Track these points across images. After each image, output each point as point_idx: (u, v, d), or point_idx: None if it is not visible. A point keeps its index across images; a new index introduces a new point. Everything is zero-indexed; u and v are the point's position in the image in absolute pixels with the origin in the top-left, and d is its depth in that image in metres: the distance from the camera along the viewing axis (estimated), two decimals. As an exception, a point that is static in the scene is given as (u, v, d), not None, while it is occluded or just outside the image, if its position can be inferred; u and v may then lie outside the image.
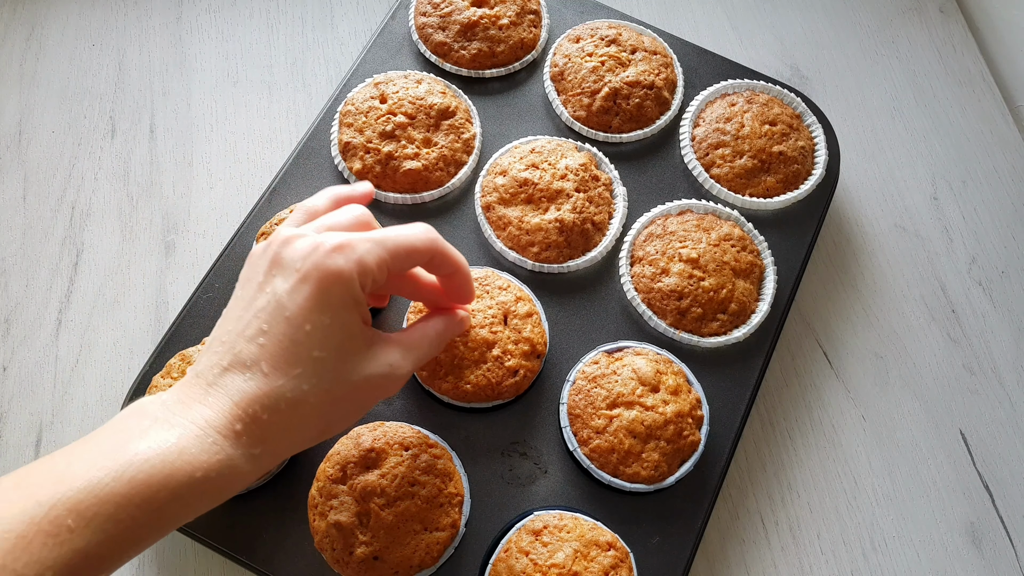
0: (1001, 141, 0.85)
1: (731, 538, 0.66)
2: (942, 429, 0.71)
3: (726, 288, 0.67)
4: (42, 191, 0.77)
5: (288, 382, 0.40)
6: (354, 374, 0.42)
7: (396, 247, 0.44)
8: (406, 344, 0.47)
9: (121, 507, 0.35)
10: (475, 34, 0.76)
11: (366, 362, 0.43)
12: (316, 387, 0.41)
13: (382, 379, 0.44)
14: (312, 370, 0.41)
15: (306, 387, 0.40)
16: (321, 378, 0.41)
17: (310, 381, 0.40)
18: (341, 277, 0.41)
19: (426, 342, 0.49)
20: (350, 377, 0.42)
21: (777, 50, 0.90)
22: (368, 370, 0.43)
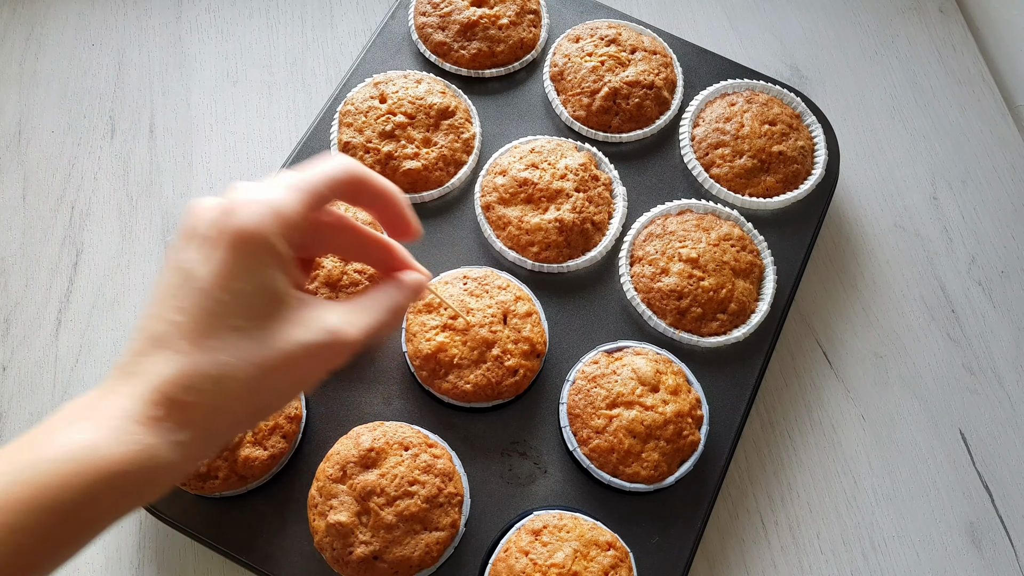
0: (1001, 141, 0.85)
1: (731, 538, 0.66)
2: (942, 429, 0.71)
3: (726, 288, 0.67)
4: (42, 191, 0.77)
5: (208, 357, 0.36)
6: (284, 342, 0.37)
7: (310, 183, 0.39)
8: (351, 308, 0.41)
9: (27, 513, 0.32)
10: (475, 34, 0.76)
11: (298, 328, 0.38)
12: (241, 360, 0.36)
13: (321, 348, 0.38)
14: (234, 342, 0.36)
15: (229, 361, 0.36)
16: (245, 350, 0.37)
17: (233, 354, 0.36)
18: (253, 234, 0.37)
19: (376, 307, 0.42)
20: (279, 346, 0.37)
21: (777, 50, 0.90)
22: (302, 337, 0.38)
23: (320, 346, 0.38)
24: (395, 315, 0.43)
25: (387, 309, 0.42)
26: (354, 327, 0.40)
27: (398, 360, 0.65)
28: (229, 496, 0.59)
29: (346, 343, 0.39)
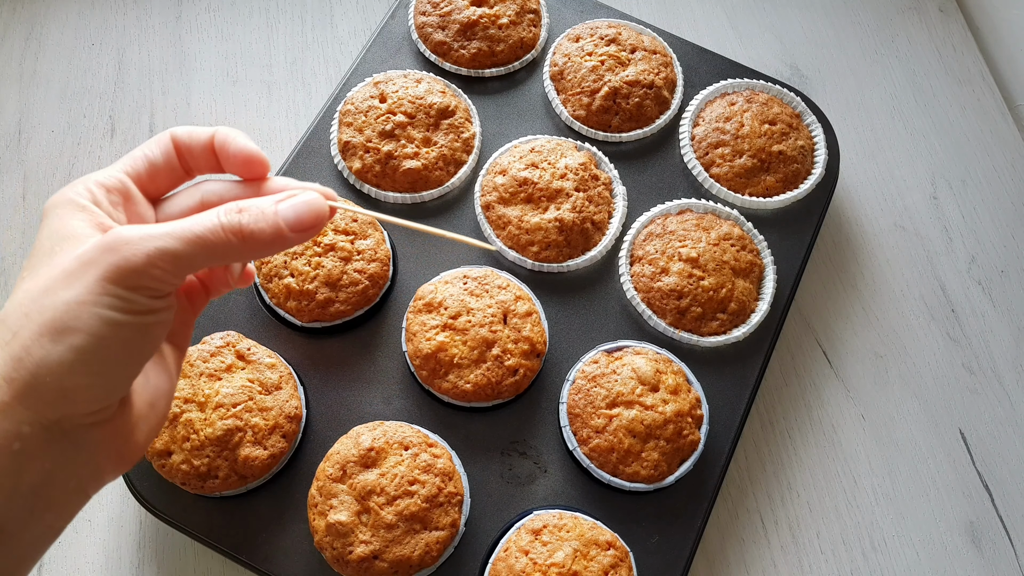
0: (1001, 141, 0.85)
1: (731, 537, 0.66)
2: (941, 428, 0.71)
3: (726, 287, 0.67)
4: (42, 190, 0.77)
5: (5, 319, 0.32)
6: (51, 262, 0.33)
7: (133, 154, 0.37)
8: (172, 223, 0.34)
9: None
10: (475, 33, 0.76)
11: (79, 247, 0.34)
12: (12, 302, 0.32)
13: (96, 250, 0.32)
14: (16, 290, 0.33)
15: (6, 308, 0.33)
16: (18, 291, 0.33)
17: (11, 301, 0.32)
18: (56, 198, 0.35)
19: (206, 217, 0.34)
20: (44, 269, 0.33)
21: (777, 49, 0.90)
22: (73, 249, 0.33)
23: (98, 248, 0.32)
24: (230, 230, 0.34)
25: (218, 216, 0.34)
26: (172, 238, 0.33)
27: (398, 360, 0.65)
28: (229, 496, 0.59)
29: (128, 240, 0.32)
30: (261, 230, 0.34)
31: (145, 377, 0.37)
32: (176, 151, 0.38)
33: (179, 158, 0.38)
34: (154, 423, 0.37)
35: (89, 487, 0.35)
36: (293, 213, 0.35)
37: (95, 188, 0.36)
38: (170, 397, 0.39)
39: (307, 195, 0.36)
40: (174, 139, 0.38)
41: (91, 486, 0.35)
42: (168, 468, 0.58)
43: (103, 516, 0.64)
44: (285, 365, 0.63)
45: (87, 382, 0.32)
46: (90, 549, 0.63)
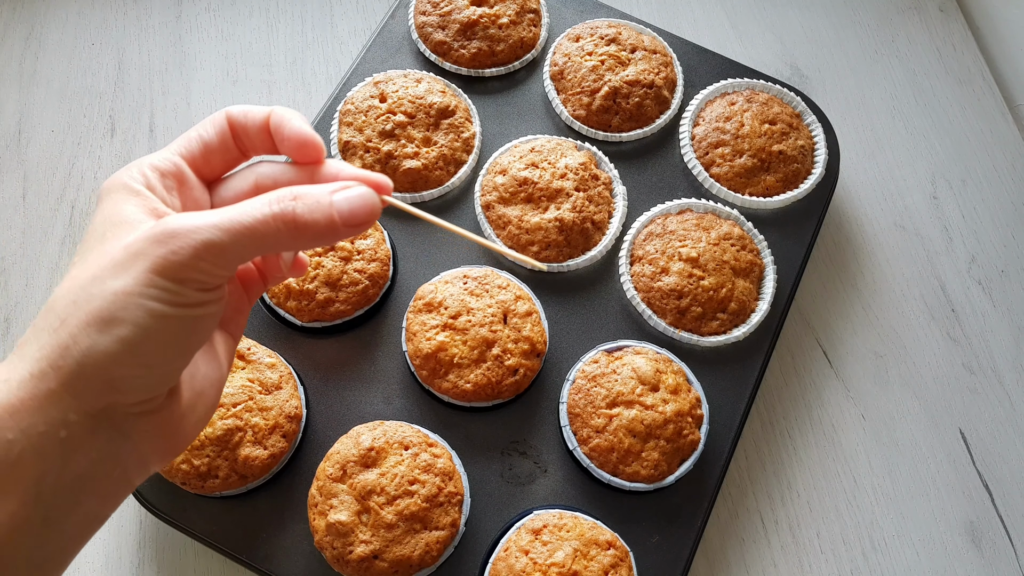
0: (1001, 140, 0.85)
1: (731, 537, 0.66)
2: (942, 428, 0.71)
3: (726, 287, 0.67)
4: (42, 190, 0.77)
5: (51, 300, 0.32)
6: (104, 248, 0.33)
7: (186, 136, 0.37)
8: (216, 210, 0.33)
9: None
10: (475, 33, 0.76)
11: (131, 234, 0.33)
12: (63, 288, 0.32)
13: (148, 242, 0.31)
14: (68, 275, 0.33)
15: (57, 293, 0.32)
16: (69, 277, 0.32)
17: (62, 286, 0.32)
18: (110, 183, 0.35)
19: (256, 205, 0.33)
20: (95, 255, 0.33)
21: (777, 49, 0.90)
22: (126, 237, 0.33)
23: (146, 240, 0.31)
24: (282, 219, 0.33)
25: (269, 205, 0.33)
26: (215, 223, 0.32)
27: (398, 359, 0.65)
28: (229, 495, 0.59)
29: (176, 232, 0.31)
30: (316, 221, 0.33)
31: (195, 367, 0.36)
32: (231, 132, 0.37)
33: (234, 139, 0.37)
34: (202, 413, 0.36)
35: (134, 476, 0.35)
36: (348, 207, 0.34)
37: (149, 172, 0.35)
38: (220, 387, 0.38)
39: (360, 188, 0.34)
40: (229, 119, 0.37)
41: (136, 475, 0.35)
42: (168, 468, 0.58)
43: (103, 516, 0.64)
44: (285, 365, 0.63)
45: (134, 373, 0.31)
46: (90, 549, 0.63)
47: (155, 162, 0.35)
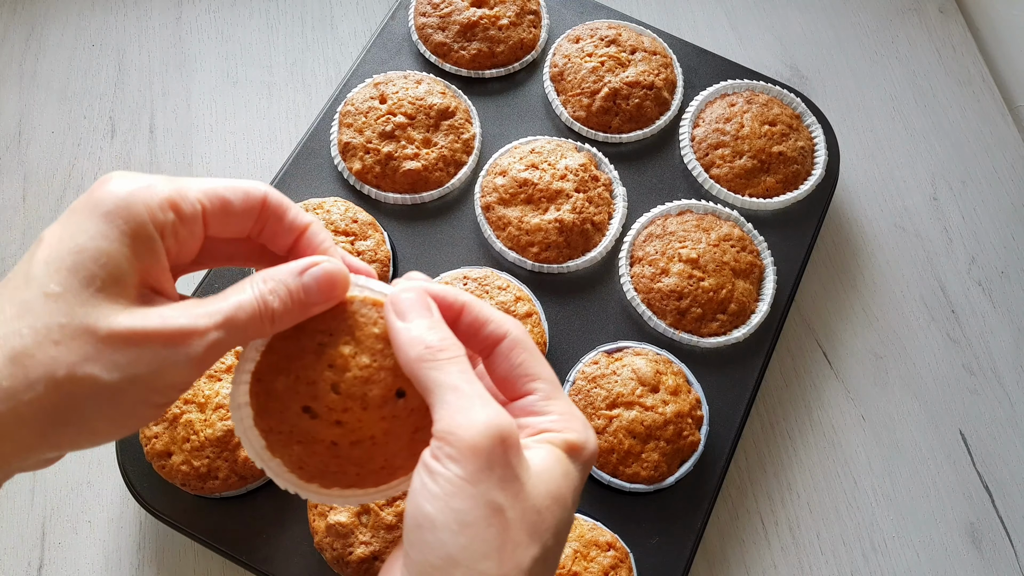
0: (1001, 141, 0.85)
1: (731, 538, 0.66)
2: (942, 429, 0.71)
3: (726, 288, 0.67)
4: (42, 191, 0.77)
5: (3, 328, 0.28)
6: (104, 325, 0.29)
7: (214, 184, 0.33)
8: (201, 300, 0.32)
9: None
10: (475, 34, 0.76)
11: (128, 314, 0.29)
12: (40, 334, 0.28)
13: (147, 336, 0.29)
14: (40, 310, 0.28)
15: (25, 332, 0.28)
16: (49, 321, 0.28)
17: (33, 325, 0.28)
18: (117, 198, 0.30)
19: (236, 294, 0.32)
20: (96, 329, 0.28)
21: (777, 50, 0.90)
22: (128, 322, 0.29)
23: (146, 333, 0.29)
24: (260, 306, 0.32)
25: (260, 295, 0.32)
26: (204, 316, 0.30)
27: (398, 360, 0.65)
28: (229, 496, 0.59)
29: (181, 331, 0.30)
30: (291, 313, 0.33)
31: None
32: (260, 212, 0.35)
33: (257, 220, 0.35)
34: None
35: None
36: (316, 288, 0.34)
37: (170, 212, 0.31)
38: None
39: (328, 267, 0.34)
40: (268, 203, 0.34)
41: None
42: (168, 469, 0.58)
43: (103, 517, 0.64)
44: (285, 366, 0.63)
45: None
46: (90, 550, 0.63)
47: (183, 206, 0.32)
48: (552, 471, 0.32)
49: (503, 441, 0.30)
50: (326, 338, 0.35)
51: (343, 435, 0.34)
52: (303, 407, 0.34)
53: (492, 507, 0.29)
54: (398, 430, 0.35)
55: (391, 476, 0.36)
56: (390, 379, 0.34)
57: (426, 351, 0.32)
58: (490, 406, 0.31)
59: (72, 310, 0.29)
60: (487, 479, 0.29)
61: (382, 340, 0.35)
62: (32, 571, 0.62)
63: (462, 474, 0.29)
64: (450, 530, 0.29)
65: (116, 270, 0.30)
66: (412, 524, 0.30)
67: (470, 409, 0.30)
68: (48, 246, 0.30)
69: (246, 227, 0.35)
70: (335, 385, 0.34)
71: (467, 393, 0.31)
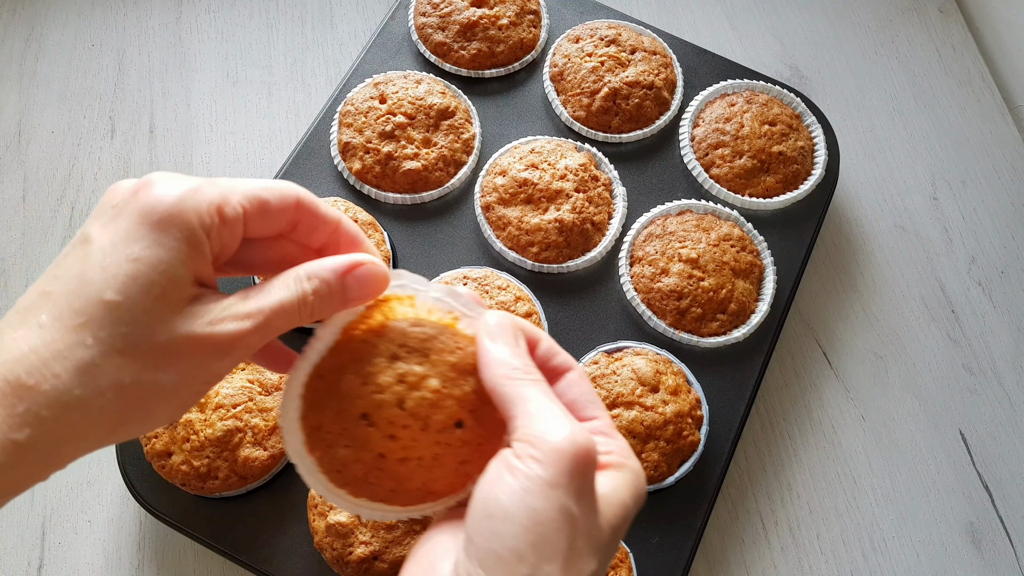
0: (1001, 141, 0.85)
1: (731, 538, 0.66)
2: (942, 429, 0.71)
3: (726, 288, 0.67)
4: (42, 191, 0.77)
5: (66, 336, 0.29)
6: (163, 333, 0.31)
7: (254, 186, 0.34)
8: (246, 296, 0.33)
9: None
10: (475, 34, 0.76)
11: (185, 319, 0.31)
12: (105, 344, 0.29)
13: (201, 341, 0.31)
14: (102, 319, 0.30)
15: (90, 342, 0.29)
16: (113, 331, 0.30)
17: (97, 334, 0.29)
18: (168, 207, 0.31)
19: (279, 290, 0.33)
20: (156, 337, 0.30)
21: (777, 50, 0.90)
22: (184, 328, 0.31)
23: (201, 339, 0.31)
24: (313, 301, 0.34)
25: (291, 292, 0.34)
26: (244, 318, 0.32)
27: (398, 360, 0.65)
28: (229, 496, 0.59)
29: (225, 336, 0.32)
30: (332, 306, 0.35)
31: None
32: (296, 212, 0.36)
33: (292, 220, 0.36)
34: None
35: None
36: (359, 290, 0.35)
37: (215, 216, 0.32)
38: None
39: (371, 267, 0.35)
40: (300, 203, 0.36)
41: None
42: (168, 469, 0.58)
43: (103, 517, 0.64)
44: (285, 366, 0.63)
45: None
46: (90, 550, 0.63)
47: (227, 209, 0.33)
48: (618, 494, 0.33)
49: (587, 453, 0.31)
50: (402, 352, 0.35)
51: (393, 450, 0.35)
52: (362, 413, 0.35)
53: (566, 513, 0.30)
54: (447, 457, 0.35)
55: (423, 499, 0.36)
56: (455, 408, 0.35)
57: (513, 371, 0.34)
58: (574, 422, 0.32)
59: (134, 319, 0.30)
60: (566, 485, 0.30)
61: (455, 369, 0.35)
62: (32, 571, 0.62)
63: (544, 475, 0.30)
64: (522, 525, 0.29)
65: (173, 277, 0.31)
66: (482, 512, 0.31)
67: (556, 420, 0.32)
68: (101, 250, 0.31)
69: (280, 227, 0.36)
70: (402, 401, 0.35)
71: (552, 407, 0.32)
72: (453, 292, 0.37)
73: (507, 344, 0.35)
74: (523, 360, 0.35)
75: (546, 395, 0.33)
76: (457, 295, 0.37)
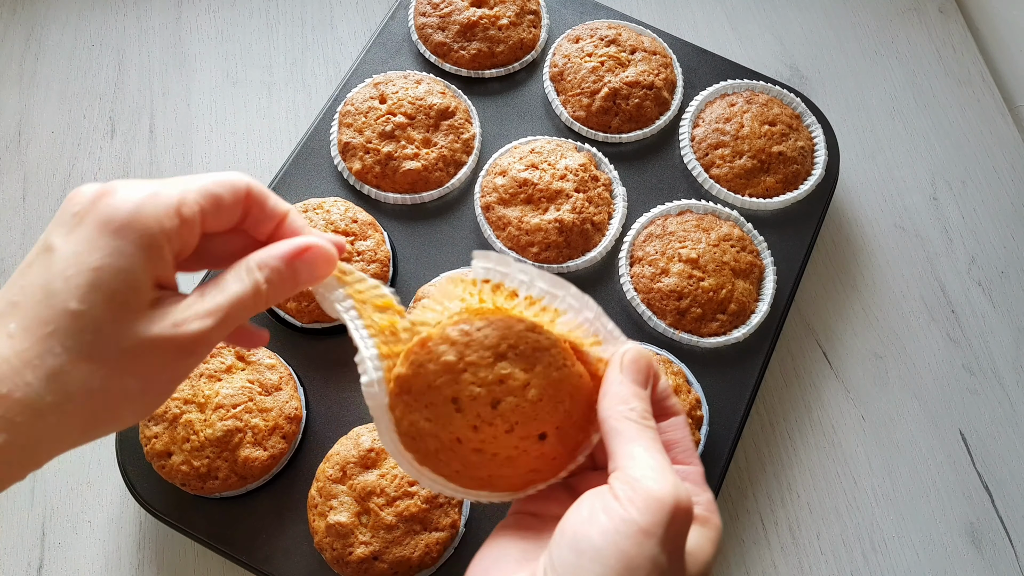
0: (1001, 141, 0.85)
1: (731, 538, 0.66)
2: (942, 429, 0.71)
3: (725, 288, 0.67)
4: (42, 191, 0.77)
5: (36, 345, 0.30)
6: (128, 338, 0.32)
7: (205, 183, 0.35)
8: (203, 293, 0.34)
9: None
10: (475, 34, 0.76)
11: (147, 323, 0.32)
12: (73, 352, 0.31)
13: (165, 343, 0.32)
14: (69, 328, 0.31)
15: (59, 350, 0.31)
16: (79, 339, 0.31)
17: (65, 343, 0.31)
18: (127, 214, 0.32)
19: (233, 284, 0.35)
20: (122, 342, 0.32)
21: (777, 50, 0.90)
22: (148, 331, 0.32)
23: (164, 341, 0.32)
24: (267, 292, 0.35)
25: (246, 286, 0.35)
26: (204, 316, 0.33)
27: (398, 360, 0.65)
28: (229, 496, 0.59)
29: (189, 337, 0.33)
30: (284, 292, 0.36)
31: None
32: (245, 204, 0.37)
33: (243, 212, 0.37)
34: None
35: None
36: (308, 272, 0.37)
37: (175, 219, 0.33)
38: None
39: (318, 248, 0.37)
40: (250, 194, 0.37)
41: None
42: (168, 469, 0.58)
43: (103, 517, 0.64)
44: (285, 366, 0.63)
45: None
46: (90, 550, 0.63)
47: (184, 210, 0.34)
48: (703, 551, 0.34)
49: (686, 510, 0.31)
50: (511, 353, 0.36)
51: (472, 439, 0.35)
52: (453, 397, 0.35)
53: (656, 564, 0.30)
54: (520, 461, 0.36)
55: (481, 487, 0.37)
56: (544, 421, 0.36)
57: (631, 411, 0.35)
58: (677, 477, 0.32)
59: (99, 327, 0.31)
60: (660, 537, 0.30)
61: (554, 385, 0.36)
62: (32, 571, 0.62)
63: (640, 521, 0.30)
64: (611, 567, 0.30)
65: (134, 284, 0.32)
66: (572, 546, 0.31)
67: (661, 470, 0.32)
68: (64, 259, 0.32)
69: (234, 219, 0.37)
70: (496, 400, 0.35)
71: (659, 457, 0.33)
72: (603, 314, 0.38)
73: (636, 383, 0.36)
74: (644, 404, 0.35)
75: (656, 444, 0.34)
76: (605, 319, 0.38)
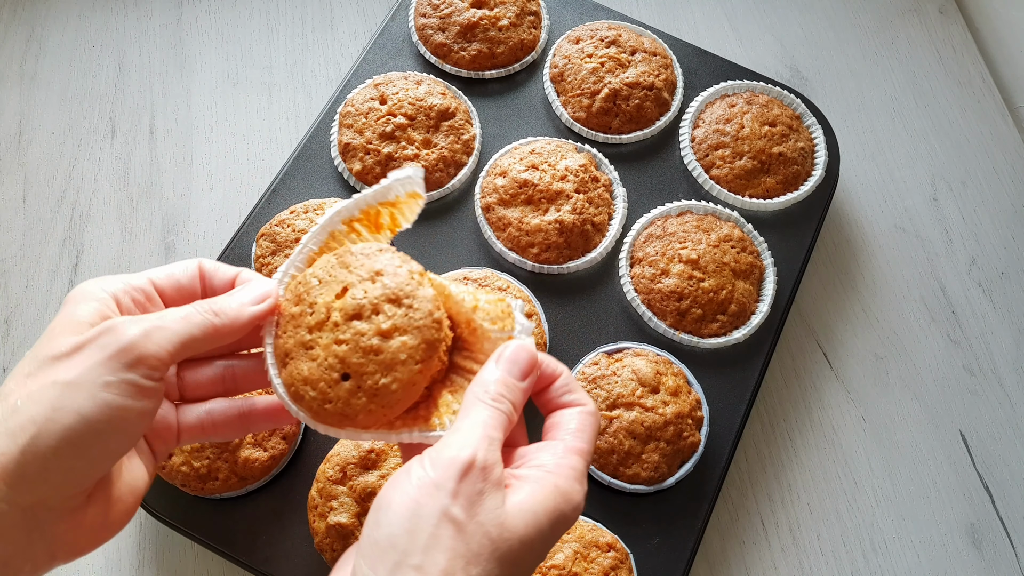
0: (1001, 142, 0.85)
1: (731, 539, 0.66)
2: (942, 430, 0.71)
3: (726, 289, 0.67)
4: (42, 192, 0.77)
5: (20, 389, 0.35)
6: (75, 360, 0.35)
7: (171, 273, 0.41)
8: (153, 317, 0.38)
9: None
10: (475, 35, 0.76)
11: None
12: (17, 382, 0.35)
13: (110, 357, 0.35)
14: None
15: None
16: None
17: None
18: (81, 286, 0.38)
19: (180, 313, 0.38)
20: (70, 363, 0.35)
21: (777, 51, 0.90)
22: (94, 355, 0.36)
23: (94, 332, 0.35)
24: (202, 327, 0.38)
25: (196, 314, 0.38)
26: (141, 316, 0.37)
27: (398, 361, 0.65)
28: (229, 497, 0.59)
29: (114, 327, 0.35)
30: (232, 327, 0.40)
31: (118, 473, 0.39)
32: (200, 278, 0.42)
33: (201, 284, 0.42)
34: (116, 518, 0.38)
35: (40, 569, 0.36)
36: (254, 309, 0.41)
37: (120, 285, 0.38)
38: (139, 497, 0.40)
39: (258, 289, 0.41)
40: (201, 269, 0.42)
41: (41, 569, 0.36)
42: (168, 470, 0.58)
43: (103, 518, 0.64)
44: (285, 367, 0.63)
45: (70, 464, 0.34)
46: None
47: (128, 279, 0.39)
48: (528, 506, 0.34)
49: (471, 464, 0.33)
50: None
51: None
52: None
53: (447, 514, 0.32)
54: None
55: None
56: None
57: (484, 392, 0.37)
58: (486, 442, 0.34)
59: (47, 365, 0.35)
60: (450, 489, 0.32)
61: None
62: None
63: (433, 476, 0.33)
64: (401, 516, 0.32)
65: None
66: (375, 507, 0.34)
67: (469, 436, 0.34)
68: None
69: (194, 293, 0.41)
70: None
71: (478, 429, 0.35)
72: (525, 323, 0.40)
73: (509, 374, 0.38)
74: (501, 389, 0.37)
75: (492, 420, 0.36)
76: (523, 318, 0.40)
